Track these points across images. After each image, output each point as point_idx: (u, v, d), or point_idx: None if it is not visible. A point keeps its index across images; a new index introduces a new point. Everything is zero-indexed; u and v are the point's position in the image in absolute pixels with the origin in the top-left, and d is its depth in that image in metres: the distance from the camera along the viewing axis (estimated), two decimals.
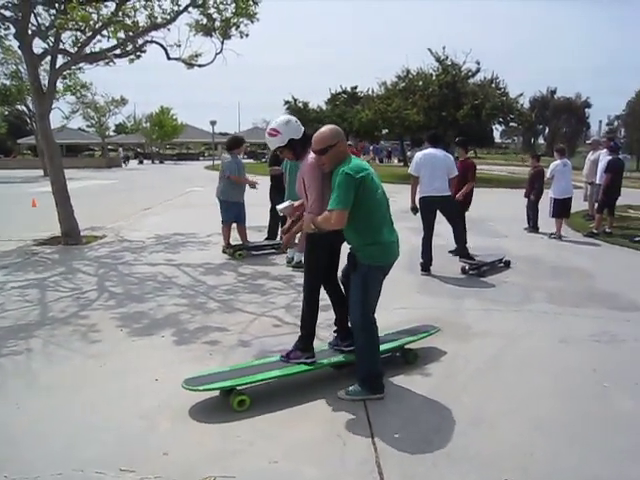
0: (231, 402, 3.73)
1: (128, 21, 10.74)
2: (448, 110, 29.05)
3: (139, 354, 4.69)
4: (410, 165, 7.77)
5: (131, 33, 10.70)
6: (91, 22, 9.95)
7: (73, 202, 9.86)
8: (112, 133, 63.29)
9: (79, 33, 10.65)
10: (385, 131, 37.45)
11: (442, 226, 7.96)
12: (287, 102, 46.98)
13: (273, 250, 9.01)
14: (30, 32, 9.54)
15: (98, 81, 54.48)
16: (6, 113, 37.00)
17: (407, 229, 10.71)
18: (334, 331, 4.48)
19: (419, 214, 7.70)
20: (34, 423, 3.53)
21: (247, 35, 11.68)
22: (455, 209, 7.74)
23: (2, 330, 5.24)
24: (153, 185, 24.69)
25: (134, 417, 3.60)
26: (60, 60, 10.11)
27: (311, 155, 3.94)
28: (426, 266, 7.65)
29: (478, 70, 30.84)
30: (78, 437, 3.36)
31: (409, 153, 46.73)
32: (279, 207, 4.37)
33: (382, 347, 4.30)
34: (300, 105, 46.35)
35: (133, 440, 3.34)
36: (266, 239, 9.40)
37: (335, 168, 3.76)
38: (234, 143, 9.11)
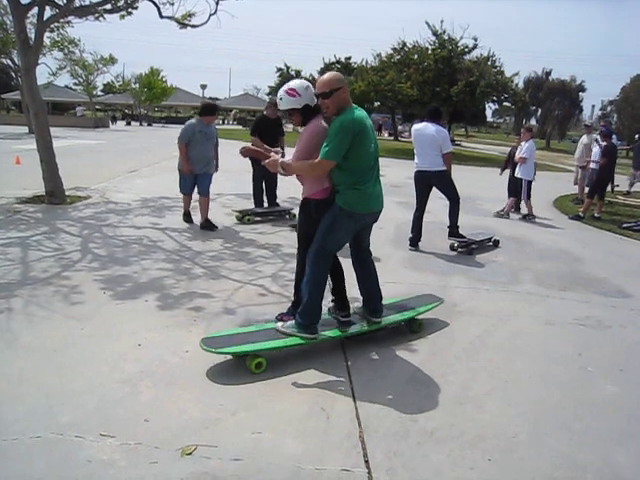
0: (248, 364, 3.79)
1: None
2: (442, 85, 28.89)
3: (122, 318, 4.61)
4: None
5: None
6: None
7: (58, 161, 9.60)
8: (100, 92, 62.09)
9: None
10: (377, 104, 37.12)
11: (433, 202, 7.90)
12: (279, 69, 46.54)
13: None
14: None
15: (87, 38, 53.34)
16: None
17: (395, 203, 10.74)
18: (332, 300, 4.51)
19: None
20: (13, 385, 3.46)
21: None
22: (450, 185, 7.65)
23: None
24: (140, 147, 24.31)
25: (115, 382, 3.54)
26: (48, 12, 9.75)
27: (314, 122, 4.03)
28: (414, 241, 7.62)
29: (475, 46, 30.62)
30: (57, 400, 3.29)
31: (400, 127, 46.53)
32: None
33: (394, 317, 4.59)
34: (292, 73, 45.82)
35: (114, 405, 3.28)
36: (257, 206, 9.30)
37: (337, 114, 3.86)
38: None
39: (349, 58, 47.07)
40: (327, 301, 4.50)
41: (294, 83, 4.10)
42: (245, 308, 4.95)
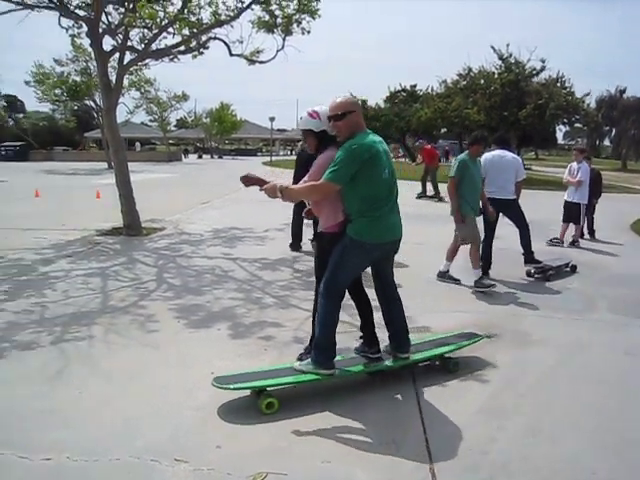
0: (259, 404, 3.65)
1: (193, 18, 10.97)
2: (510, 109, 28.40)
3: (195, 346, 4.76)
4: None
5: (195, 30, 10.92)
6: (158, 19, 10.22)
7: (134, 195, 10.14)
8: (173, 128, 64.81)
9: (146, 30, 10.96)
10: (444, 130, 36.89)
11: (502, 229, 7.77)
12: None
13: None
14: (101, 30, 9.86)
15: (161, 77, 55.80)
16: (75, 108, 38.39)
17: None
18: (360, 337, 4.33)
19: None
20: (95, 408, 3.63)
21: (309, 32, 11.75)
22: (520, 212, 7.52)
23: (66, 317, 5.43)
24: (211, 179, 25.13)
25: (190, 409, 3.65)
26: (128, 56, 10.42)
27: (330, 151, 3.86)
28: (485, 270, 7.49)
29: (543, 68, 29.98)
30: (135, 424, 3.43)
31: None
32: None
33: (420, 355, 4.34)
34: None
35: (188, 431, 3.39)
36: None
37: (348, 139, 3.74)
38: None
39: (414, 86, 47.05)
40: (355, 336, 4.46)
41: (319, 108, 3.98)
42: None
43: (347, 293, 4.18)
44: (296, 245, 8.93)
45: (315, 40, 12.28)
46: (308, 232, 8.63)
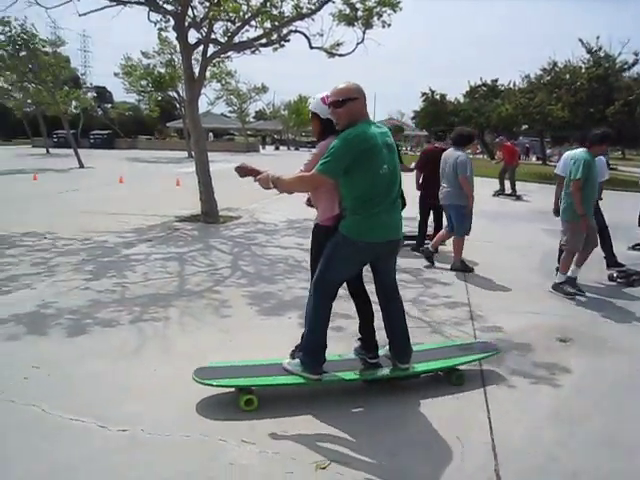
0: (238, 400, 3.56)
1: (275, 11, 11.13)
2: (596, 106, 27.06)
3: (266, 332, 4.87)
4: (557, 165, 7.13)
5: (277, 23, 11.08)
6: (241, 13, 10.44)
7: (213, 183, 10.43)
8: (251, 119, 66.02)
9: (229, 23, 11.22)
10: (524, 127, 35.74)
11: None
12: (424, 94, 46.36)
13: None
14: (186, 24, 10.18)
15: (242, 69, 56.93)
16: (159, 98, 39.75)
17: (542, 230, 10.28)
18: (358, 339, 4.14)
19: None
20: (168, 387, 3.79)
21: (389, 25, 11.67)
22: (600, 214, 7.19)
23: (145, 297, 5.68)
24: (288, 170, 25.32)
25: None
26: (211, 49, 10.71)
27: (327, 141, 3.64)
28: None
29: (636, 62, 28.31)
30: (205, 404, 3.57)
31: (549, 151, 44.37)
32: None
33: (424, 366, 4.01)
34: (437, 97, 45.56)
35: (256, 415, 3.48)
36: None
37: (347, 128, 3.45)
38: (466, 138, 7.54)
39: (496, 80, 45.80)
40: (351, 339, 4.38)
41: (336, 89, 3.62)
42: (384, 330, 4.98)
43: (349, 292, 4.13)
44: None
45: (394, 33, 12.18)
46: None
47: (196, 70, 10.67)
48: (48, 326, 4.86)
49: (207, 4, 10.75)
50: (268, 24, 11.35)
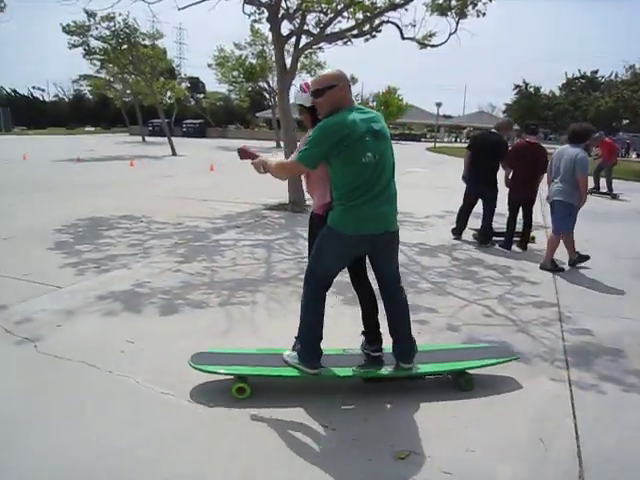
0: (232, 387, 3.56)
1: (367, 2, 11.12)
2: None
3: (349, 321, 4.88)
4: None
5: (369, 14, 11.06)
6: (334, 4, 10.51)
7: None
8: None
9: (322, 15, 11.32)
10: (626, 121, 33.88)
11: None
12: (517, 86, 44.92)
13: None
14: (280, 15, 10.35)
15: (331, 60, 57.07)
16: (249, 89, 40.69)
17: None
18: (362, 332, 4.00)
19: None
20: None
21: (484, 14, 11.40)
22: None
23: (233, 282, 5.89)
24: None
25: (341, 382, 3.79)
26: (303, 40, 10.84)
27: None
28: None
29: None
30: (290, 387, 3.69)
31: None
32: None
33: (429, 367, 3.85)
34: (531, 90, 43.96)
35: (339, 401, 3.54)
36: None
37: (329, 116, 3.33)
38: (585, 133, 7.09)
39: (596, 72, 43.62)
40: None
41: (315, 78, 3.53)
42: (469, 327, 4.93)
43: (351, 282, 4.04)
44: (458, 230, 8.71)
45: (486, 22, 11.84)
46: (473, 221, 8.46)
47: (287, 61, 10.83)
48: (142, 304, 5.15)
49: None
50: (360, 15, 11.36)
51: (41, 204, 10.88)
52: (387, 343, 3.86)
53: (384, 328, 3.88)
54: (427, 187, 16.14)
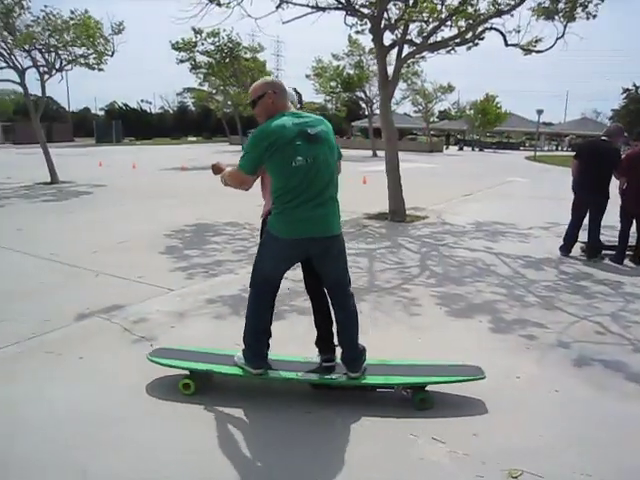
0: (179, 383, 3.70)
1: (470, 9, 10.95)
2: None
3: (455, 334, 4.85)
4: None
5: (472, 21, 10.89)
6: (436, 14, 10.46)
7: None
8: (435, 119, 65.35)
9: (424, 24, 11.27)
10: None
11: None
12: (626, 90, 42.44)
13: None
14: (382, 26, 10.41)
15: (427, 68, 56.55)
16: (346, 98, 41.03)
17: None
18: (315, 341, 3.94)
19: None
20: None
21: (594, 16, 10.89)
22: None
23: None
24: (472, 172, 24.89)
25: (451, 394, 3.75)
26: (405, 50, 10.83)
27: None
28: None
29: None
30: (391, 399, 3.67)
31: None
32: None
33: (383, 379, 3.72)
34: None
35: (448, 414, 3.50)
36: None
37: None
38: None
39: None
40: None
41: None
42: (580, 344, 4.71)
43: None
44: (567, 247, 8.10)
45: (592, 23, 11.24)
46: (583, 235, 8.06)
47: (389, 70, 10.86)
48: None
49: (402, 6, 10.90)
50: (462, 22, 11.21)
51: (151, 210, 11.56)
52: None
53: None
54: (528, 197, 15.59)
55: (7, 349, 4.33)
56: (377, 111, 38.82)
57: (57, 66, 16.53)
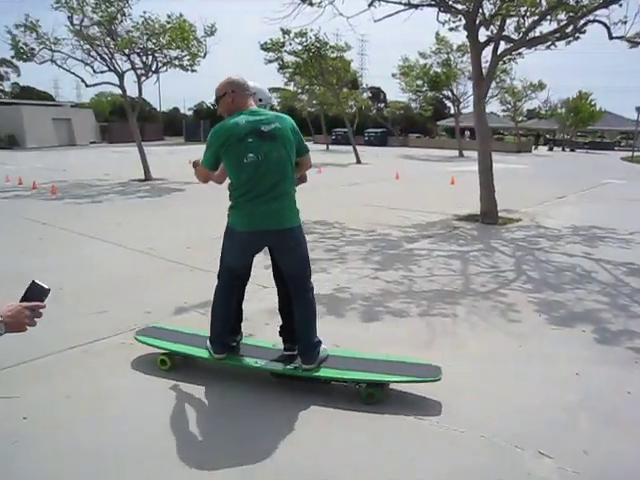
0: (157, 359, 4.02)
1: (572, 2, 10.44)
2: None
3: (557, 343, 4.62)
4: None
5: (572, 14, 10.38)
6: (537, 8, 10.04)
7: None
8: (523, 118, 63.12)
9: (521, 19, 10.86)
10: None
11: None
12: None
13: None
14: (477, 22, 10.11)
15: (515, 65, 54.64)
16: (432, 97, 40.34)
17: None
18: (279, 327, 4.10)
19: None
20: (465, 385, 3.81)
21: None
22: None
23: (431, 292, 5.84)
24: (564, 173, 23.85)
25: (557, 407, 3.56)
26: (501, 46, 10.48)
27: None
28: None
29: None
30: (504, 408, 3.52)
31: None
32: None
33: (335, 373, 3.72)
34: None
35: (553, 428, 3.32)
36: None
37: None
38: None
39: None
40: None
41: (251, 84, 3.78)
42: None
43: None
44: None
45: None
46: None
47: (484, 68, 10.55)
48: (344, 309, 5.30)
49: (498, 1, 10.54)
50: (562, 16, 10.70)
51: None
52: None
53: None
54: (627, 200, 14.69)
55: (111, 339, 4.51)
56: (464, 110, 38.15)
57: (153, 68, 17.25)
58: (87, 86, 17.40)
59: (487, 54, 10.65)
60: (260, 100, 3.85)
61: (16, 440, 3.11)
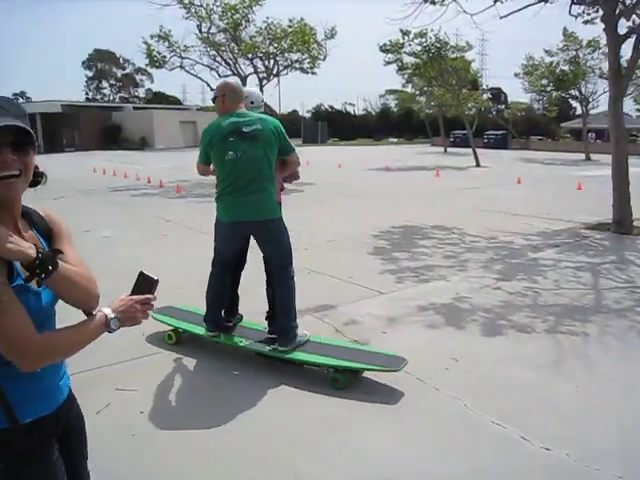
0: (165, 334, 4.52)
1: None
2: None
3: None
4: None
5: None
6: None
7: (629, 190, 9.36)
8: None
9: None
10: None
11: None
12: None
13: None
14: (617, 12, 9.33)
15: None
16: (558, 97, 38.25)
17: None
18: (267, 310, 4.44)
19: None
20: (592, 410, 3.49)
21: None
22: None
23: (558, 307, 5.41)
24: None
25: None
26: None
27: None
28: None
29: None
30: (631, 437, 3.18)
31: None
32: None
33: (307, 356, 3.98)
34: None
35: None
36: None
37: None
38: None
39: None
40: None
41: (246, 89, 4.52)
42: None
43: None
44: None
45: None
46: None
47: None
48: (464, 320, 5.04)
49: None
50: None
51: (357, 209, 11.77)
52: None
53: None
54: None
55: None
56: (592, 111, 35.71)
57: (274, 71, 17.67)
58: (212, 90, 18.14)
59: (625, 48, 9.84)
60: (252, 103, 4.31)
61: (133, 434, 3.21)
